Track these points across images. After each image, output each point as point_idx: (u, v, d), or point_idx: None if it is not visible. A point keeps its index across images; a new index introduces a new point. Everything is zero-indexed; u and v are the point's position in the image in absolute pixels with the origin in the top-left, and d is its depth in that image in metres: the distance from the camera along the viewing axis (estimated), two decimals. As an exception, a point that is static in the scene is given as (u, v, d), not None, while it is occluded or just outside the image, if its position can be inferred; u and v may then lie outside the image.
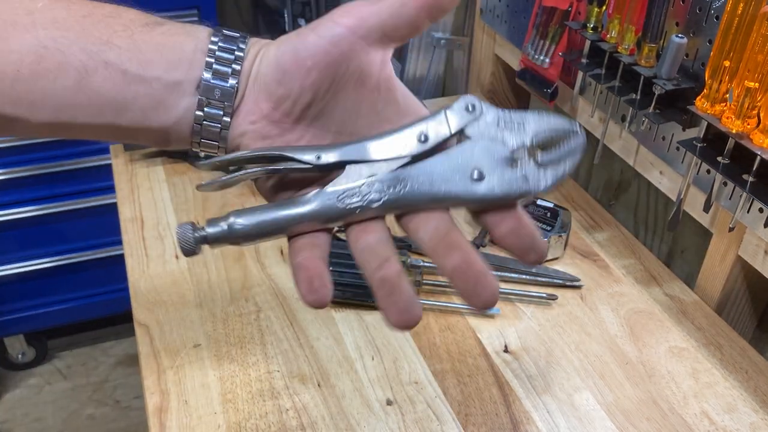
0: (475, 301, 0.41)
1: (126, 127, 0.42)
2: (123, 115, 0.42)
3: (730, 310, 0.81)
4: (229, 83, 0.42)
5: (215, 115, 0.42)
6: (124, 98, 0.41)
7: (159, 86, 0.41)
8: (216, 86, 0.42)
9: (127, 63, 0.41)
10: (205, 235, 0.40)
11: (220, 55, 0.42)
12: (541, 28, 0.96)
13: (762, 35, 0.63)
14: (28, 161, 1.58)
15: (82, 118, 0.41)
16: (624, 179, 1.02)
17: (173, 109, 0.42)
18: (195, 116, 0.42)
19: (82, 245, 1.71)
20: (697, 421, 0.67)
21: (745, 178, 0.67)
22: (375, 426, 0.65)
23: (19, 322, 1.77)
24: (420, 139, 0.41)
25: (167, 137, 0.43)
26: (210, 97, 0.42)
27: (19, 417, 1.79)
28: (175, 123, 0.42)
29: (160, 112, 0.42)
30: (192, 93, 0.42)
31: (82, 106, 0.41)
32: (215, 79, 0.42)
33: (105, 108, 0.41)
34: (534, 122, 0.42)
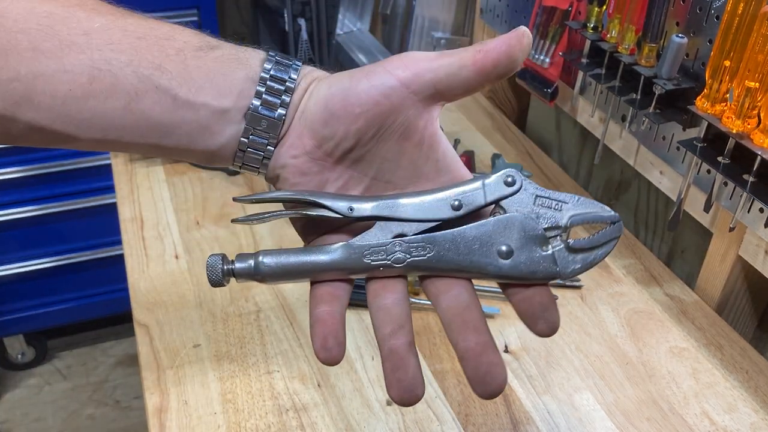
0: (480, 390, 0.40)
1: (170, 147, 0.43)
2: (169, 138, 0.42)
3: (731, 310, 0.81)
4: (277, 113, 0.42)
5: (260, 144, 0.43)
6: (171, 122, 0.42)
7: (207, 113, 0.42)
8: (264, 116, 0.42)
9: (177, 88, 0.41)
10: (233, 269, 0.42)
11: (270, 85, 0.42)
12: (542, 27, 0.96)
13: (762, 35, 0.63)
14: (28, 161, 1.58)
15: (129, 138, 0.42)
16: (624, 179, 1.02)
17: (219, 135, 0.43)
18: (240, 142, 0.43)
19: (82, 245, 1.71)
20: (697, 422, 0.67)
21: (745, 178, 0.67)
22: (375, 426, 0.65)
23: (19, 322, 1.77)
24: (453, 205, 0.41)
25: (211, 159, 0.44)
26: (256, 126, 0.42)
27: (19, 417, 1.79)
28: (220, 148, 0.43)
29: (206, 137, 0.43)
30: (239, 120, 0.42)
31: (130, 127, 0.42)
32: (264, 108, 0.42)
33: (152, 130, 0.42)
34: (572, 204, 0.42)
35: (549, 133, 1.18)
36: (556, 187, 1.00)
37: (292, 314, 0.77)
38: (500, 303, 0.80)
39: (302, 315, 0.77)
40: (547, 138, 1.19)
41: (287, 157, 0.43)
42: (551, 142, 1.18)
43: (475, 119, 1.17)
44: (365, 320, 0.77)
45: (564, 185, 1.01)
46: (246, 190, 0.94)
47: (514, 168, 0.45)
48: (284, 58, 0.43)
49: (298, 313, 0.77)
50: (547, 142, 1.18)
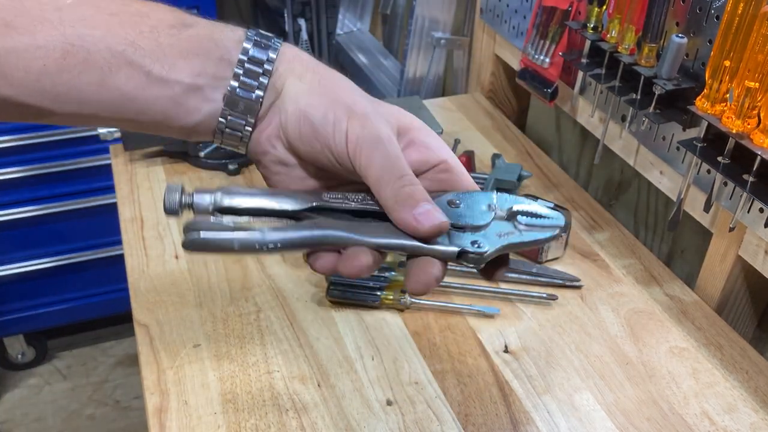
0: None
1: (147, 123, 0.44)
2: (144, 113, 0.43)
3: (731, 310, 0.81)
4: (255, 95, 0.43)
5: (237, 125, 0.44)
6: (145, 98, 0.42)
7: (181, 90, 0.43)
8: (241, 98, 0.43)
9: (150, 65, 0.42)
10: (191, 202, 0.42)
11: (248, 68, 0.43)
12: (541, 28, 0.96)
13: (762, 35, 0.63)
14: (28, 161, 1.58)
15: (105, 113, 0.43)
16: (624, 179, 1.02)
17: (195, 112, 0.44)
18: (218, 122, 0.44)
19: (82, 245, 1.71)
20: (697, 422, 0.67)
21: (745, 178, 0.67)
22: (375, 426, 0.65)
23: (19, 322, 1.77)
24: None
25: (189, 135, 0.45)
26: (234, 108, 0.43)
27: (19, 417, 1.79)
28: (197, 125, 0.44)
29: (181, 114, 0.43)
30: (215, 99, 0.43)
31: (105, 102, 0.42)
32: (241, 90, 0.43)
33: (127, 106, 0.43)
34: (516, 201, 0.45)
35: (549, 133, 1.18)
36: (556, 187, 1.00)
37: (292, 314, 0.77)
38: (500, 303, 0.80)
39: (302, 315, 0.77)
40: (547, 138, 1.19)
41: (267, 145, 0.45)
42: (551, 142, 1.18)
43: (475, 119, 1.17)
44: (365, 320, 0.77)
45: (564, 185, 1.01)
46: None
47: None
48: (263, 38, 0.44)
49: (298, 313, 0.77)
50: (547, 142, 1.18)
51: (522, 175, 0.96)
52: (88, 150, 1.60)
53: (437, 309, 0.79)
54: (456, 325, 0.77)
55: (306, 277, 0.82)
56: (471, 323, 0.77)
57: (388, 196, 0.42)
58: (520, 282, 0.83)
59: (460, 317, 0.78)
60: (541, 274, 0.83)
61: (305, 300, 0.79)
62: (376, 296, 0.77)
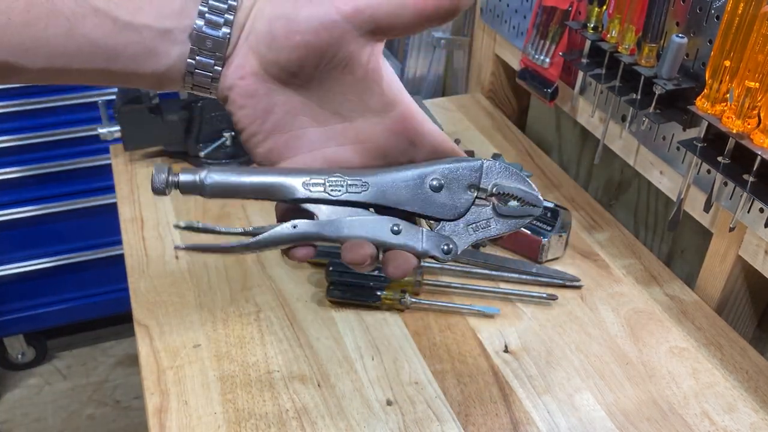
0: None
1: (119, 72, 0.43)
2: (115, 62, 0.43)
3: (731, 310, 0.81)
4: (221, 32, 0.43)
5: (206, 64, 0.43)
6: (114, 45, 0.42)
7: (149, 34, 0.42)
8: (208, 36, 0.43)
9: (116, 10, 0.41)
10: (178, 180, 0.43)
11: (213, 4, 0.42)
12: (542, 28, 0.96)
13: (762, 35, 0.63)
14: (28, 161, 1.58)
15: (76, 64, 0.42)
16: (624, 179, 1.02)
17: (165, 56, 0.43)
18: (187, 64, 0.43)
19: (82, 245, 1.70)
20: (697, 422, 0.67)
21: (745, 178, 0.67)
22: (375, 426, 0.65)
23: (19, 322, 1.77)
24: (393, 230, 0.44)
25: (160, 82, 0.45)
26: (201, 47, 0.43)
27: (19, 417, 1.79)
28: (167, 70, 0.44)
29: (152, 59, 0.43)
30: (184, 41, 0.43)
31: (74, 52, 0.42)
32: (208, 28, 0.42)
33: (97, 54, 0.42)
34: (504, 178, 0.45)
35: (549, 133, 1.18)
36: (556, 187, 1.00)
37: (292, 314, 0.77)
38: (500, 303, 0.80)
39: (302, 315, 0.77)
40: (547, 138, 1.19)
41: (235, 78, 0.44)
42: (551, 142, 1.18)
43: (475, 119, 1.17)
44: (365, 320, 0.77)
45: (564, 185, 1.01)
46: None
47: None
48: None
49: (298, 313, 0.77)
50: (547, 142, 1.18)
51: (522, 175, 0.96)
52: (88, 150, 1.60)
53: (437, 309, 0.79)
54: (456, 325, 0.77)
55: (306, 277, 0.82)
56: (471, 323, 0.77)
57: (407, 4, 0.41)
58: (520, 282, 0.83)
59: (460, 317, 0.78)
60: (541, 274, 0.83)
61: (305, 300, 0.79)
62: (376, 296, 0.77)
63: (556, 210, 0.88)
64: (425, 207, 0.44)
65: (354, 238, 0.43)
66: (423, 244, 0.44)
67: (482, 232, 0.44)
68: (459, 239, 0.44)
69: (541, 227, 0.85)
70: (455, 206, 0.44)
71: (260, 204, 0.89)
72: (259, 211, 0.92)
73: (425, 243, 0.44)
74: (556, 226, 0.86)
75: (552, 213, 0.87)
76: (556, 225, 0.86)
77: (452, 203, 0.44)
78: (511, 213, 0.45)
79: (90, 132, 1.58)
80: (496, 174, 0.45)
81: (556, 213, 0.87)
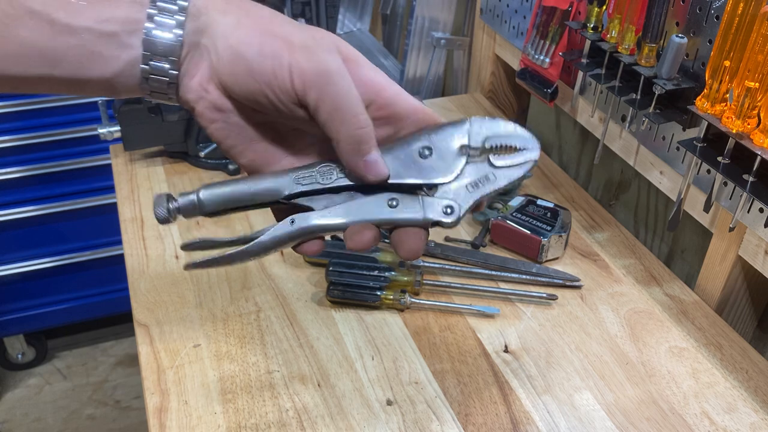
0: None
1: (63, 78, 0.42)
2: (57, 67, 0.41)
3: (730, 310, 0.81)
4: (173, 35, 0.41)
5: (161, 69, 0.42)
6: (54, 49, 0.40)
7: (91, 37, 0.40)
8: (159, 40, 0.41)
9: (54, 13, 0.40)
10: (178, 206, 0.43)
11: (162, 5, 0.41)
12: (541, 28, 0.96)
13: (762, 35, 0.63)
14: (28, 161, 1.58)
15: (17, 70, 0.41)
16: (624, 179, 1.02)
17: (113, 61, 0.41)
18: (141, 69, 0.41)
19: (82, 245, 1.71)
20: (697, 421, 0.67)
21: (745, 178, 0.67)
22: (375, 426, 0.65)
23: (19, 322, 1.77)
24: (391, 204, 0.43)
25: (112, 88, 0.43)
26: (154, 51, 0.41)
27: (19, 417, 1.79)
28: (117, 75, 0.42)
29: (97, 64, 0.41)
30: (134, 45, 0.41)
31: (14, 57, 0.40)
32: (158, 30, 0.41)
33: (37, 59, 0.41)
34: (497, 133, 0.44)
35: (549, 133, 1.18)
36: (556, 187, 1.00)
37: (292, 314, 0.77)
38: (500, 303, 0.80)
39: (302, 315, 0.77)
40: (547, 138, 1.19)
41: (200, 91, 0.43)
42: (551, 142, 1.18)
43: (475, 119, 1.16)
44: (365, 320, 0.77)
45: (564, 185, 1.01)
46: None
47: None
48: None
49: (298, 313, 0.77)
50: (547, 142, 1.18)
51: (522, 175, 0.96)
52: (88, 150, 1.60)
53: (437, 309, 0.79)
54: (456, 325, 0.77)
55: (306, 277, 0.82)
56: (471, 323, 0.77)
57: (341, 137, 0.41)
58: (520, 282, 0.83)
59: (460, 317, 0.78)
60: (541, 274, 0.83)
61: (305, 300, 0.79)
62: (376, 296, 0.77)
63: (556, 210, 0.88)
64: (419, 175, 0.43)
65: (353, 223, 0.43)
66: (424, 213, 0.42)
67: (484, 188, 0.43)
68: (461, 200, 0.43)
69: (541, 227, 0.85)
70: (449, 168, 0.43)
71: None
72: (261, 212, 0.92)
73: (426, 211, 0.43)
74: (556, 226, 0.86)
75: (551, 213, 0.87)
76: (556, 225, 0.86)
77: (446, 165, 0.43)
78: (508, 163, 0.43)
79: (90, 132, 1.58)
80: (484, 128, 0.43)
81: (556, 213, 0.87)
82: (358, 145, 0.41)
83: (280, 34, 0.41)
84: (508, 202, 0.89)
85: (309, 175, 0.43)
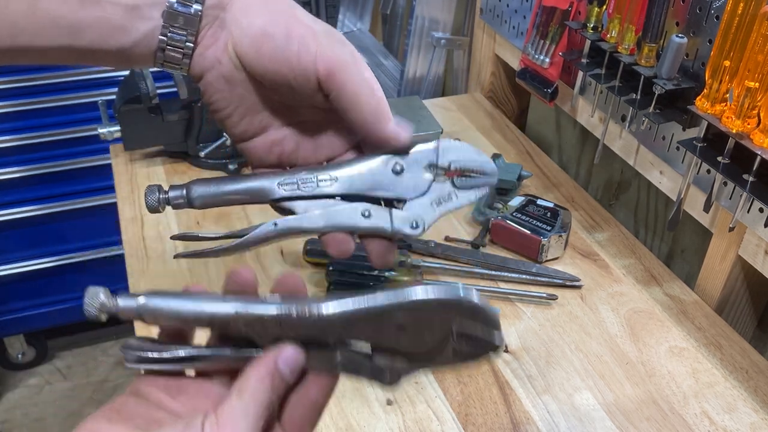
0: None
1: (84, 48, 0.43)
2: (80, 38, 0.42)
3: (730, 310, 0.81)
4: (193, 9, 0.43)
5: (178, 41, 0.43)
6: (79, 21, 0.42)
7: (116, 11, 0.42)
8: (180, 13, 0.43)
9: None
10: (168, 197, 0.46)
11: None
12: (541, 28, 0.96)
13: (762, 35, 0.63)
14: (28, 161, 1.58)
15: (40, 42, 0.42)
16: (624, 179, 1.02)
17: (132, 32, 0.43)
18: (159, 40, 0.43)
19: (82, 245, 1.70)
20: (697, 421, 0.67)
21: (745, 178, 0.67)
22: (375, 426, 0.65)
23: (19, 322, 1.77)
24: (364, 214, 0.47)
25: (128, 58, 0.44)
26: (173, 23, 0.43)
27: (19, 417, 1.79)
28: (135, 45, 0.43)
29: (118, 34, 0.43)
30: (153, 17, 0.43)
31: (38, 29, 0.41)
32: (179, 5, 0.42)
33: (61, 30, 0.42)
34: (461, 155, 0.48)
35: (549, 133, 1.19)
36: (556, 187, 1.00)
37: (292, 314, 0.77)
38: (500, 303, 0.80)
39: (302, 315, 0.77)
40: (547, 138, 1.19)
41: (213, 61, 0.44)
42: (551, 142, 1.18)
43: (475, 119, 1.17)
44: (365, 320, 0.77)
45: (564, 185, 1.01)
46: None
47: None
48: None
49: (298, 313, 0.77)
50: (547, 142, 1.18)
51: (522, 175, 0.96)
52: (88, 150, 1.60)
53: (437, 309, 0.78)
54: (456, 325, 0.77)
55: (306, 277, 0.82)
56: (471, 323, 0.77)
57: (365, 115, 0.44)
58: (520, 282, 0.83)
59: (460, 317, 0.78)
60: (541, 274, 0.83)
61: (305, 300, 0.79)
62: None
63: (556, 210, 0.88)
64: (391, 190, 0.47)
65: (330, 228, 0.46)
66: (393, 224, 0.47)
67: (445, 206, 0.48)
68: (426, 215, 0.47)
69: (541, 227, 0.85)
70: (417, 185, 0.47)
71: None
72: (259, 208, 0.92)
73: (395, 223, 0.47)
74: (556, 226, 0.86)
75: (551, 213, 0.87)
76: (556, 225, 0.86)
77: (414, 183, 0.47)
78: (468, 185, 0.48)
79: (90, 132, 1.58)
80: (451, 151, 0.48)
81: (556, 213, 0.87)
82: (382, 116, 0.45)
83: (304, 21, 0.44)
84: (508, 202, 0.89)
85: (291, 182, 0.47)
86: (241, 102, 0.46)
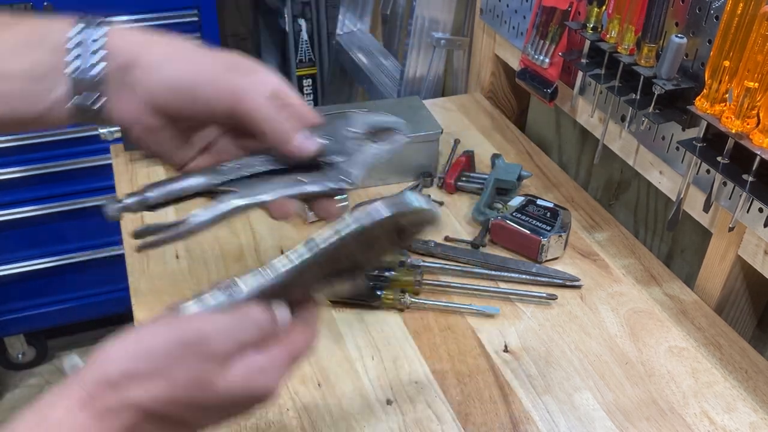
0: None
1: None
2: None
3: (730, 310, 0.81)
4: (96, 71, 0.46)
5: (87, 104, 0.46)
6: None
7: (22, 82, 0.45)
8: (83, 79, 0.46)
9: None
10: (123, 206, 0.51)
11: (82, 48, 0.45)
12: (541, 28, 0.96)
13: (762, 35, 0.63)
14: (28, 161, 1.58)
15: None
16: (624, 179, 1.02)
17: (43, 100, 0.46)
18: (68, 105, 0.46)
19: (82, 245, 1.70)
20: (696, 421, 0.67)
21: (744, 178, 0.67)
22: (375, 426, 0.65)
23: (19, 322, 1.77)
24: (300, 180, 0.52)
25: (45, 123, 0.48)
26: (79, 88, 0.46)
27: (19, 417, 1.79)
28: (48, 111, 0.46)
29: (29, 104, 0.46)
30: (61, 83, 0.46)
31: None
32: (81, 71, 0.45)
33: None
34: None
35: (549, 133, 1.19)
36: (556, 187, 1.00)
37: (292, 314, 0.77)
38: (500, 303, 0.80)
39: (302, 315, 0.77)
40: (546, 138, 1.19)
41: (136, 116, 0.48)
42: (551, 142, 1.18)
43: (475, 119, 1.17)
44: (365, 320, 0.77)
45: (564, 185, 1.01)
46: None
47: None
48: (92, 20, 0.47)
49: (298, 313, 0.77)
50: (546, 142, 1.18)
51: (522, 175, 0.96)
52: (88, 150, 1.60)
53: (437, 309, 0.79)
54: (456, 324, 0.77)
55: (306, 277, 0.82)
56: (471, 323, 0.77)
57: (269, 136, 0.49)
58: (520, 282, 0.83)
59: (460, 317, 0.78)
60: (541, 274, 0.83)
61: (305, 300, 0.79)
62: (376, 296, 0.77)
63: (556, 210, 0.88)
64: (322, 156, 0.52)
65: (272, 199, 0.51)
66: (329, 183, 0.52)
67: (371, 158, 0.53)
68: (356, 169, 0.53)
69: (541, 227, 0.85)
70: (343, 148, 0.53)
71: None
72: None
73: (330, 182, 0.52)
74: (556, 226, 0.86)
75: (551, 213, 0.87)
76: (556, 225, 0.86)
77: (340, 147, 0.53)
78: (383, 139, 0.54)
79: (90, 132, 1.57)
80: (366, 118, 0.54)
81: (556, 213, 0.87)
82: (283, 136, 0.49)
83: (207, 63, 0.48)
84: (508, 202, 0.89)
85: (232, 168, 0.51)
86: (171, 141, 0.51)
